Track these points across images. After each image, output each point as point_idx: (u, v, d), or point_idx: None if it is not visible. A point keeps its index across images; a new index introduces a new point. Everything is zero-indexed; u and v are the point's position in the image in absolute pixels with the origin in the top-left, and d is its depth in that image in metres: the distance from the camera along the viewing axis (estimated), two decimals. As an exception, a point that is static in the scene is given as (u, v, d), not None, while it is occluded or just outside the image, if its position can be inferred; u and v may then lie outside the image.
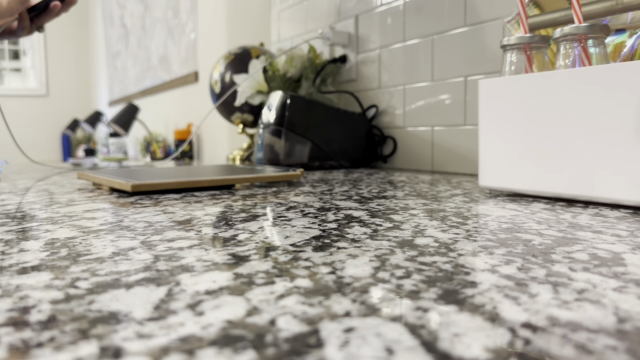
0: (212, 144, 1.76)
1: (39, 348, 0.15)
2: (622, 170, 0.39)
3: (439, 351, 0.14)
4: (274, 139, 0.86)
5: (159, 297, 0.19)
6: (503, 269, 0.23)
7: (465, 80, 0.80)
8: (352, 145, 0.92)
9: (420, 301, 0.19)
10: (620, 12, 0.48)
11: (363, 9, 1.02)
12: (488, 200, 0.46)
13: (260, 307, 0.18)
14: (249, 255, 0.26)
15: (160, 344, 0.15)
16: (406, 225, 0.34)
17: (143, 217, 0.38)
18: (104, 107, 3.40)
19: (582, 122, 0.42)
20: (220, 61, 1.20)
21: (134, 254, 0.26)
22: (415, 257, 0.25)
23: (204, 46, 1.81)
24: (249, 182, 0.60)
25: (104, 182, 0.55)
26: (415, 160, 0.91)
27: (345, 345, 0.15)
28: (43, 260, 0.25)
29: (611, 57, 0.50)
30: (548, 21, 0.54)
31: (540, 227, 0.33)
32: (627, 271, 0.22)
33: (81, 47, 3.83)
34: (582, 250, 0.27)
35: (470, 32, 0.79)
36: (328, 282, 0.21)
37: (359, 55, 1.03)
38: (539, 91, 0.45)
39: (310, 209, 0.41)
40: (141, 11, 2.51)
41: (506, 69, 0.50)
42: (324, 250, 0.27)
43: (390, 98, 0.96)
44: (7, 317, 0.17)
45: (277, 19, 1.32)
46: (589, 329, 0.16)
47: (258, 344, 0.15)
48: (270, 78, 1.05)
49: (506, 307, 0.18)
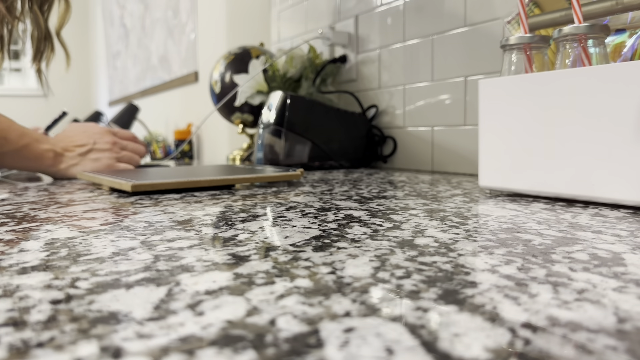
0: (212, 144, 1.76)
1: (39, 348, 0.15)
2: (622, 170, 0.39)
3: (439, 351, 0.14)
4: (274, 139, 0.86)
5: (159, 297, 0.19)
6: (503, 269, 0.23)
7: (465, 80, 0.80)
8: (352, 145, 0.92)
9: (420, 301, 0.19)
10: (620, 12, 0.48)
11: (363, 9, 1.01)
12: (488, 200, 0.46)
13: (260, 307, 0.18)
14: (249, 255, 0.26)
15: (160, 344, 0.15)
16: (406, 225, 0.34)
17: (143, 217, 0.38)
18: (104, 107, 3.40)
19: (582, 122, 0.42)
20: (220, 61, 1.20)
21: (134, 254, 0.26)
22: (415, 257, 0.25)
23: (204, 46, 1.81)
24: (249, 182, 0.60)
25: (104, 182, 0.55)
26: (415, 160, 0.91)
27: (345, 345, 0.15)
28: (43, 260, 0.25)
29: (611, 57, 0.50)
30: (548, 21, 0.53)
31: (540, 227, 0.33)
32: (627, 271, 0.22)
33: (81, 47, 3.83)
34: (582, 250, 0.27)
35: (470, 32, 0.79)
36: (328, 282, 0.21)
37: (359, 55, 1.03)
38: (539, 91, 0.45)
39: (310, 209, 0.41)
40: (141, 11, 2.51)
41: (506, 69, 0.50)
42: (324, 250, 0.27)
43: (390, 98, 0.96)
44: (7, 317, 0.17)
45: (277, 19, 1.32)
46: (589, 329, 0.16)
47: (258, 344, 0.15)
48: (270, 78, 1.05)
49: (506, 307, 0.18)
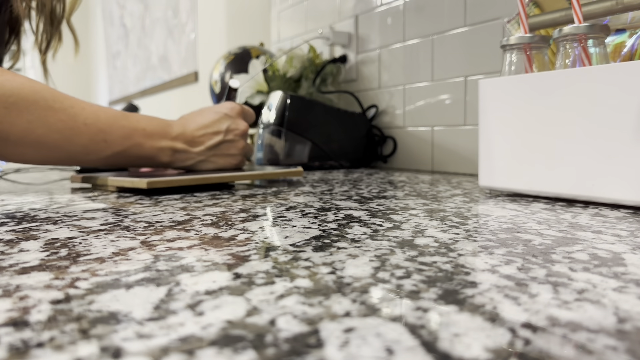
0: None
1: (39, 348, 0.15)
2: (622, 170, 0.39)
3: (439, 351, 0.14)
4: (274, 139, 0.86)
5: (159, 297, 0.19)
6: (503, 269, 0.23)
7: (465, 80, 0.80)
8: (352, 145, 0.92)
9: (420, 301, 0.19)
10: (620, 12, 0.48)
11: (363, 9, 1.01)
12: (488, 200, 0.46)
13: (260, 307, 0.18)
14: (249, 255, 0.26)
15: (160, 344, 0.15)
16: (406, 225, 0.34)
17: (143, 217, 0.38)
18: (104, 107, 3.40)
19: (582, 122, 0.42)
20: (220, 61, 1.20)
21: (134, 254, 0.26)
22: (415, 257, 0.25)
23: (204, 46, 1.81)
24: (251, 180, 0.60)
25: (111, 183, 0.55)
26: (415, 160, 0.91)
27: (345, 345, 0.15)
28: (43, 260, 0.25)
29: (611, 57, 0.50)
30: (548, 21, 0.53)
31: (540, 227, 0.33)
32: (627, 271, 0.22)
33: (81, 47, 3.83)
34: (582, 250, 0.27)
35: (470, 32, 0.79)
36: (328, 282, 0.21)
37: (359, 55, 1.03)
38: (539, 91, 0.45)
39: (310, 209, 0.41)
40: (141, 11, 2.51)
41: (506, 69, 0.50)
42: (324, 250, 0.27)
43: (390, 98, 0.96)
44: (7, 317, 0.17)
45: (277, 19, 1.32)
46: (589, 329, 0.16)
47: (258, 344, 0.15)
48: (270, 78, 1.05)
49: (506, 307, 0.18)
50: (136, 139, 0.54)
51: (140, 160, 0.56)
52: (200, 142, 0.59)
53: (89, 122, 0.51)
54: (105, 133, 0.52)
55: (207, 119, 0.60)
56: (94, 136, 0.51)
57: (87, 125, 0.51)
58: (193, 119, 0.60)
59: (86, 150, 0.51)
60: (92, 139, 0.51)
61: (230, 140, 0.61)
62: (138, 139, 0.54)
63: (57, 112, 0.49)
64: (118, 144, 0.53)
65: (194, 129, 0.59)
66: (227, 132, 0.60)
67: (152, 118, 0.57)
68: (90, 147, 0.51)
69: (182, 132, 0.58)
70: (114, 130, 0.53)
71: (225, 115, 0.61)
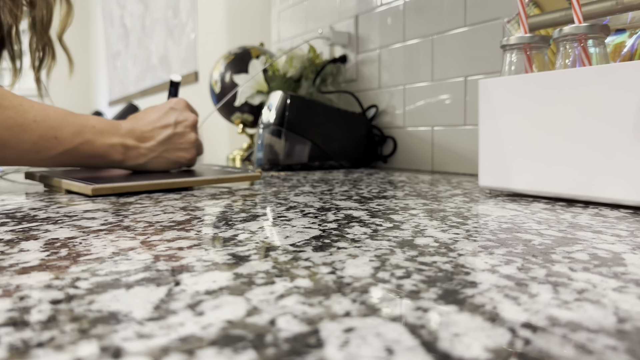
0: (212, 143, 1.76)
1: (39, 348, 0.15)
2: (622, 170, 0.39)
3: (439, 351, 0.14)
4: (274, 139, 0.86)
5: (159, 297, 0.19)
6: (503, 269, 0.23)
7: (465, 80, 0.80)
8: (352, 145, 0.92)
9: (420, 301, 0.19)
10: (620, 12, 0.48)
11: (363, 9, 1.01)
12: (488, 200, 0.46)
13: (260, 307, 0.18)
14: (249, 255, 0.26)
15: (160, 344, 0.15)
16: (406, 225, 0.34)
17: (143, 217, 0.38)
18: (104, 107, 3.40)
19: (582, 121, 0.42)
20: (220, 61, 1.20)
21: (134, 254, 0.26)
22: (415, 257, 0.25)
23: (204, 46, 1.81)
24: (205, 185, 0.57)
25: (62, 185, 0.53)
26: (415, 160, 0.91)
27: (345, 345, 0.15)
28: (43, 260, 0.25)
29: (611, 57, 0.50)
30: (548, 21, 0.53)
31: (540, 227, 0.33)
32: (627, 271, 0.22)
33: (81, 47, 3.83)
34: (582, 250, 0.27)
35: (470, 32, 0.79)
36: (328, 282, 0.21)
37: (359, 55, 1.03)
38: (539, 91, 0.45)
39: (310, 209, 0.41)
40: (141, 11, 2.51)
41: (506, 69, 0.50)
42: (324, 250, 0.27)
43: (390, 98, 0.96)
44: (7, 317, 0.17)
45: (277, 19, 1.32)
46: (589, 329, 0.16)
47: (258, 344, 0.15)
48: (270, 78, 1.05)
49: (506, 307, 0.18)
50: (87, 136, 0.53)
51: (92, 159, 0.55)
52: (150, 137, 0.58)
53: (38, 119, 0.50)
54: (56, 129, 0.51)
55: (154, 115, 0.60)
56: (44, 133, 0.50)
57: (36, 122, 0.50)
58: (141, 117, 0.60)
59: (36, 148, 0.50)
60: (43, 135, 0.50)
61: (181, 132, 0.60)
62: (88, 135, 0.54)
63: (6, 109, 0.48)
64: (69, 141, 0.52)
65: (143, 125, 0.59)
66: (176, 125, 0.60)
67: (102, 117, 0.57)
68: (41, 144, 0.51)
69: (131, 128, 0.58)
70: (64, 127, 0.52)
71: (171, 108, 0.61)
